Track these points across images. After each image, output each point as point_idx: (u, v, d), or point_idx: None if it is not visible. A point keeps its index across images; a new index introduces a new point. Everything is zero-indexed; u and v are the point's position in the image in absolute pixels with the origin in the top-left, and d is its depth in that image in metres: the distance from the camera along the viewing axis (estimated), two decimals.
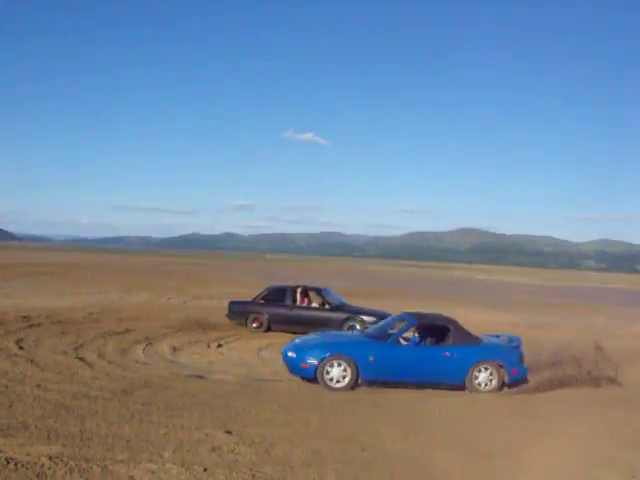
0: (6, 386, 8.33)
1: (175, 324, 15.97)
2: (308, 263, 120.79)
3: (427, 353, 10.17)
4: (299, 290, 16.62)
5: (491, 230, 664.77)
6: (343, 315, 15.69)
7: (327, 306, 16.06)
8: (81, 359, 10.71)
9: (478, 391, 9.81)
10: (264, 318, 16.07)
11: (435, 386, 9.92)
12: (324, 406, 8.34)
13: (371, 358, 9.58)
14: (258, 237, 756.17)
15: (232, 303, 16.99)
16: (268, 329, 15.83)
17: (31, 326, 14.22)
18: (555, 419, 7.90)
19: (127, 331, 14.53)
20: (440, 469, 5.94)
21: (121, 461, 5.52)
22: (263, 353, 12.64)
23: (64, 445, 5.89)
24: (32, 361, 10.13)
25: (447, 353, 9.95)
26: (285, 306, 16.18)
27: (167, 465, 5.46)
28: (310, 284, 18.36)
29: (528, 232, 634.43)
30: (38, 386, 8.38)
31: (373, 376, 9.63)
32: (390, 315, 13.97)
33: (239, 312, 16.48)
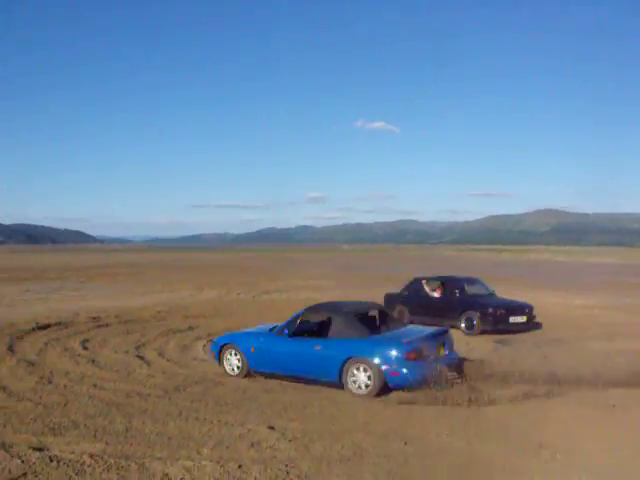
0: (65, 386, 8.65)
1: (239, 320, 16.15)
2: (380, 252, 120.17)
3: (299, 346, 9.13)
4: (424, 281, 16.43)
5: (571, 210, 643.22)
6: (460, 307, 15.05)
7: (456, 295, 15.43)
8: (140, 357, 11.00)
9: (355, 394, 8.37)
10: (405, 309, 15.95)
11: (316, 382, 8.96)
12: (374, 399, 8.20)
13: (252, 349, 9.50)
14: (333, 228, 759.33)
15: (386, 295, 17.08)
16: (410, 321, 14.74)
17: (99, 326, 14.75)
18: None
19: (190, 328, 14.83)
20: (485, 461, 5.73)
21: (159, 458, 5.61)
22: None
23: (107, 443, 6.06)
24: (93, 361, 10.50)
25: (318, 347, 8.91)
26: (421, 297, 16.05)
27: (203, 462, 5.51)
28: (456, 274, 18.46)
29: (612, 210, 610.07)
30: (95, 385, 8.66)
31: (256, 366, 9.51)
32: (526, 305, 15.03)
33: (388, 304, 16.25)
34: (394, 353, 8.28)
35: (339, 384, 8.58)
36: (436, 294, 16.21)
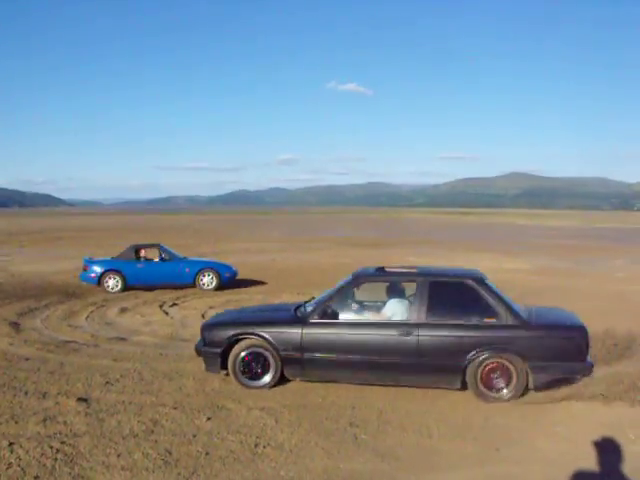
0: None
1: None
2: (347, 214, 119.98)
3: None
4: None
5: (541, 174, 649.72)
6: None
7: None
8: (15, 324, 10.57)
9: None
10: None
11: None
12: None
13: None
14: (305, 190, 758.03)
15: None
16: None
17: None
18: None
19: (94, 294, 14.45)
20: None
21: None
22: (210, 312, 12.16)
23: None
24: None
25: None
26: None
27: None
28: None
29: (580, 174, 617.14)
30: None
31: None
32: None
33: None
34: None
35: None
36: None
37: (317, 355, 6.76)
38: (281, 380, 6.95)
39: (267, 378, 6.89)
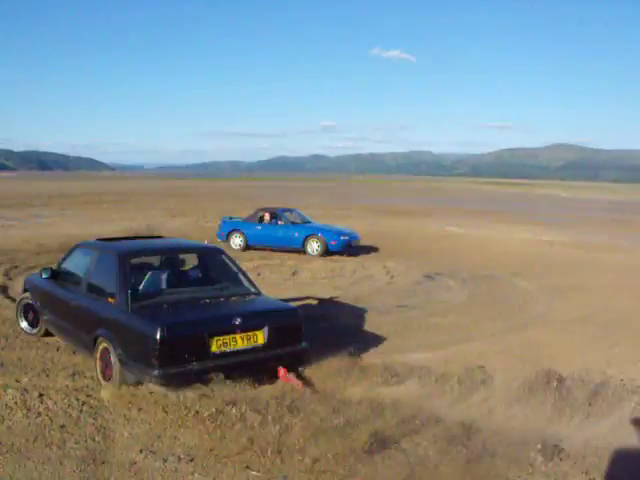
0: None
1: None
2: (387, 183, 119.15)
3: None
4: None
5: (588, 145, 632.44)
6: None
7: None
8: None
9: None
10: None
11: None
12: None
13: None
14: (345, 158, 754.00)
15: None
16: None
17: (38, 254, 14.77)
18: None
19: None
20: None
21: None
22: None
23: None
24: None
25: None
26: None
27: None
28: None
29: (627, 147, 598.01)
30: None
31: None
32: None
33: None
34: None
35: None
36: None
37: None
38: None
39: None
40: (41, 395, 5.52)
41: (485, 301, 10.76)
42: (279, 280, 12.35)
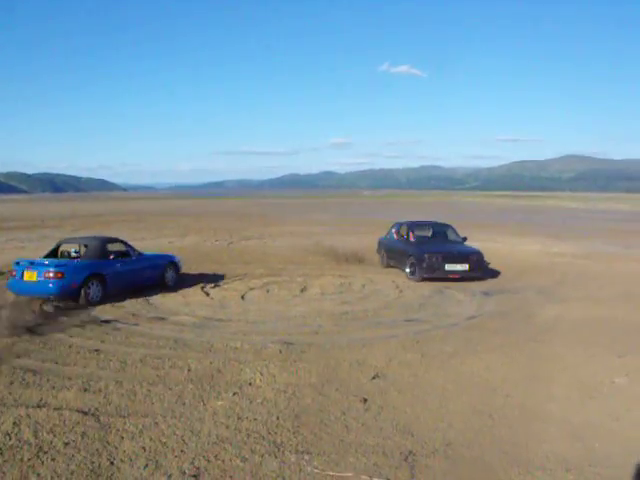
0: None
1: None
2: (396, 198, 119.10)
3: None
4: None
5: (598, 156, 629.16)
6: None
7: None
8: None
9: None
10: (384, 253, 17.36)
11: None
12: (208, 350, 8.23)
13: None
14: (356, 174, 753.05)
15: (378, 240, 18.49)
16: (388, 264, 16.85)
17: None
18: None
19: None
20: None
21: None
22: (248, 295, 12.50)
23: None
24: None
25: None
26: (390, 242, 17.26)
27: None
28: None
29: (638, 156, 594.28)
30: None
31: None
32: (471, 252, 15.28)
33: (379, 248, 18.12)
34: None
35: None
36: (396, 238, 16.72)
37: None
38: None
39: None
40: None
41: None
42: (287, 296, 12.38)
